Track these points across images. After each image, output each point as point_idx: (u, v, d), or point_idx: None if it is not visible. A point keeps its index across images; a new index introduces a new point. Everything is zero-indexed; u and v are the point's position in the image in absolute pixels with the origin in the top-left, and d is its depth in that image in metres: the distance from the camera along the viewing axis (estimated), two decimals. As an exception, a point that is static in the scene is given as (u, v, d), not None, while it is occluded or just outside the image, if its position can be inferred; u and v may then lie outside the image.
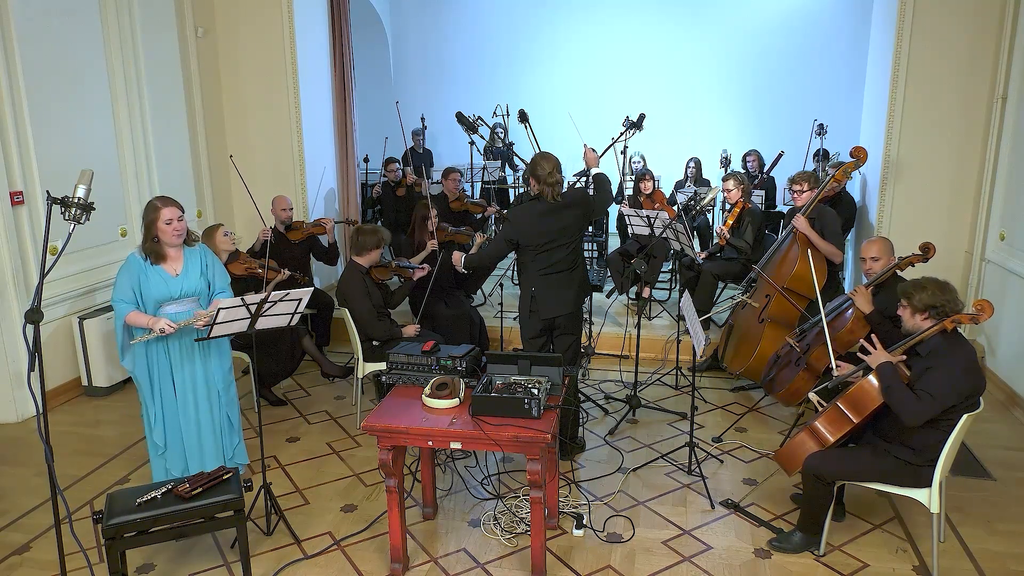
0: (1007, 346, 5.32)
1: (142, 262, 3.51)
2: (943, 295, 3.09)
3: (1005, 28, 5.53)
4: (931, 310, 3.10)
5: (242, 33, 6.75)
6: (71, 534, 2.79)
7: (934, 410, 3.02)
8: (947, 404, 3.02)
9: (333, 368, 5.51)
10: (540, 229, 4.07)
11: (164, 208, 3.48)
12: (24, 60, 4.82)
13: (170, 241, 3.51)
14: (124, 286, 3.49)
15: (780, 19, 9.71)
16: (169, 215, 3.48)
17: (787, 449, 3.46)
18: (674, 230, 5.44)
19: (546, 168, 4.06)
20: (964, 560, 3.40)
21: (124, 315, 3.47)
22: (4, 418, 4.91)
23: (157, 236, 3.49)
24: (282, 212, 5.87)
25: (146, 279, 3.49)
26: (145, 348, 3.55)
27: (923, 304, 3.11)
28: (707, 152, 8.61)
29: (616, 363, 5.80)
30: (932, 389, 3.02)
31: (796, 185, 5.07)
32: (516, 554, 3.44)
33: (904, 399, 3.05)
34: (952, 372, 3.03)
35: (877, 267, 4.03)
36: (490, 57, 10.43)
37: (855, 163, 4.82)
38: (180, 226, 3.52)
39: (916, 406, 3.02)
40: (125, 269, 3.51)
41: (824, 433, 3.35)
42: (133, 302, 3.48)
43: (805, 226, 4.72)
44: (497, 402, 3.09)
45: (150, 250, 3.50)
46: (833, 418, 3.34)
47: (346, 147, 7.54)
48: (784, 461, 3.47)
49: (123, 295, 3.48)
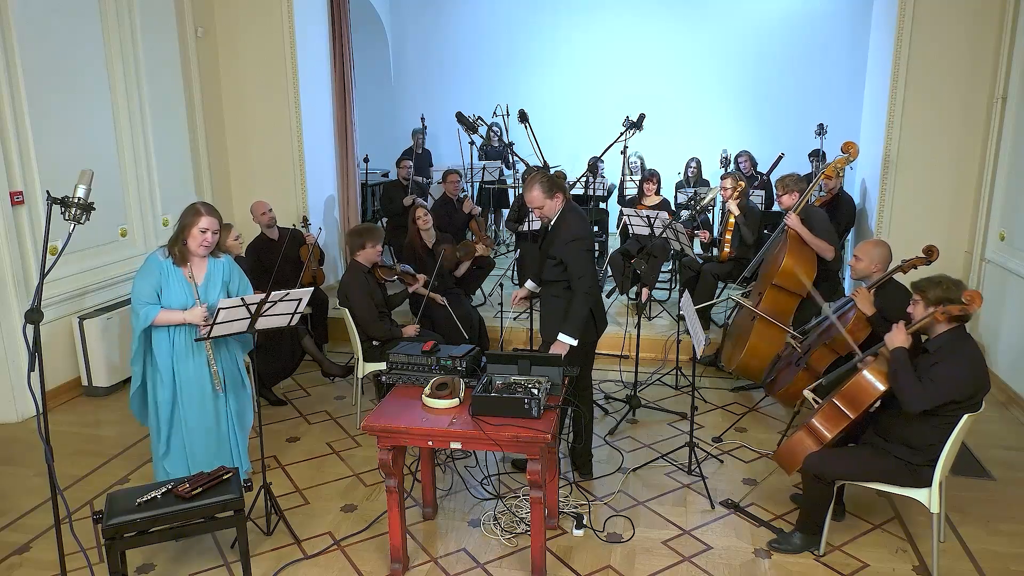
0: (1007, 346, 5.32)
1: (164, 263, 3.44)
2: (957, 291, 3.13)
3: (1005, 28, 5.53)
4: (944, 302, 3.13)
5: (242, 33, 6.75)
6: (71, 534, 2.79)
7: (935, 399, 3.05)
8: (949, 396, 3.04)
9: (333, 368, 5.52)
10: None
11: (205, 216, 3.42)
12: (24, 60, 4.82)
13: (196, 251, 3.46)
14: (146, 289, 3.39)
15: (780, 19, 9.72)
16: (207, 224, 3.42)
17: (785, 448, 3.46)
18: (674, 230, 5.45)
19: (563, 183, 3.95)
20: (964, 560, 3.40)
21: (153, 317, 3.36)
22: (4, 418, 4.91)
23: (187, 240, 3.43)
24: (263, 216, 5.81)
25: (167, 282, 3.42)
26: (171, 350, 3.47)
27: (937, 299, 3.15)
28: (707, 152, 8.62)
29: (616, 363, 5.80)
30: (937, 379, 3.06)
31: (777, 190, 5.11)
32: (516, 554, 3.44)
33: (909, 382, 3.09)
34: (959, 365, 3.07)
35: (860, 267, 4.03)
36: (490, 57, 10.43)
37: (846, 158, 4.84)
38: (212, 239, 3.46)
39: (918, 390, 3.06)
40: (145, 272, 3.42)
41: (821, 430, 3.36)
42: (158, 304, 3.40)
43: (796, 223, 4.74)
44: (497, 402, 3.09)
45: (179, 252, 3.43)
46: (830, 415, 3.35)
47: (346, 147, 7.54)
48: (783, 460, 3.48)
49: (147, 297, 3.38)
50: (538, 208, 3.78)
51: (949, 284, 3.16)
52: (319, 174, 7.21)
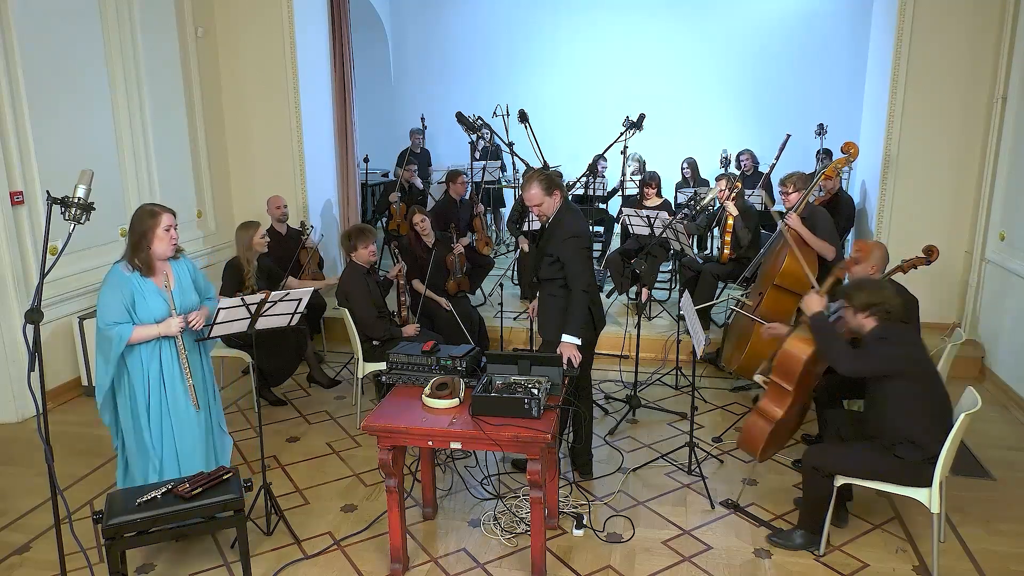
0: (1007, 346, 5.31)
1: (132, 276, 3.24)
2: (880, 294, 3.24)
3: (1005, 28, 5.53)
4: (871, 308, 3.24)
5: (242, 33, 6.75)
6: (71, 534, 2.79)
7: (870, 366, 3.17)
8: (885, 365, 3.15)
9: (322, 376, 5.47)
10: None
11: (163, 214, 3.26)
12: (24, 60, 4.82)
13: (166, 251, 3.28)
14: (115, 306, 3.17)
15: (780, 19, 9.72)
16: (168, 221, 3.26)
17: (743, 434, 3.62)
18: (674, 230, 5.45)
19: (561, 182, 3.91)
20: (964, 560, 3.40)
21: (128, 337, 3.15)
22: (4, 418, 4.91)
23: (152, 244, 3.24)
24: (276, 211, 5.94)
25: (142, 296, 3.23)
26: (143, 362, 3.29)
27: (863, 303, 3.25)
28: (707, 152, 8.62)
29: (616, 363, 5.80)
30: (872, 349, 3.18)
31: (782, 187, 5.11)
32: (516, 554, 3.44)
33: (838, 348, 3.22)
34: (891, 344, 3.18)
35: (857, 269, 4.03)
36: (490, 57, 10.43)
37: (846, 159, 4.83)
38: (176, 234, 3.32)
39: (846, 350, 3.21)
40: (112, 288, 3.19)
41: (769, 409, 3.52)
42: (130, 321, 3.19)
43: (797, 223, 4.74)
44: (497, 402, 3.09)
45: (144, 261, 3.23)
46: (772, 393, 3.53)
47: (346, 147, 7.54)
48: (745, 446, 3.64)
49: (117, 316, 3.16)
50: (536, 206, 3.78)
51: (871, 288, 3.27)
52: (319, 174, 7.20)
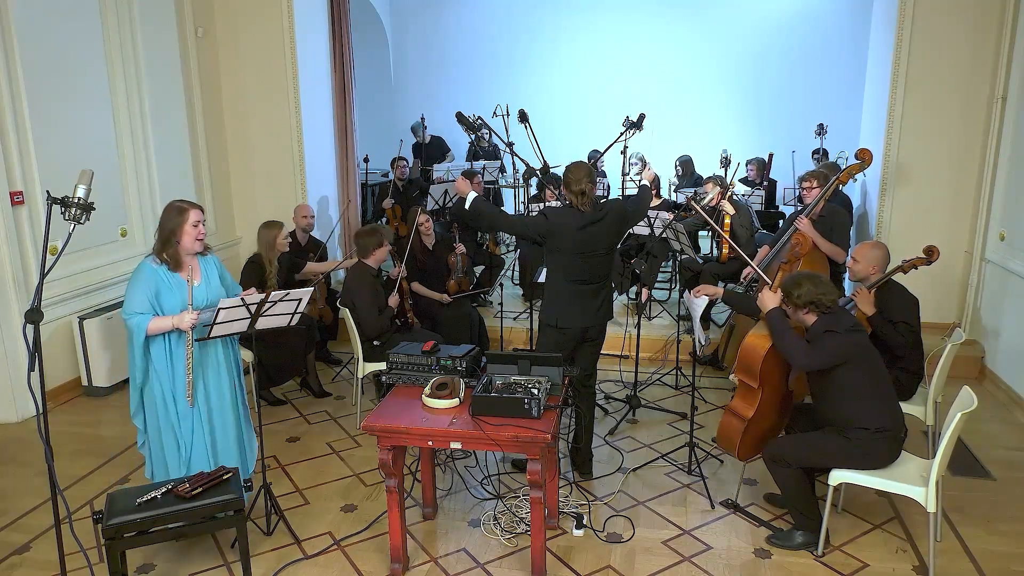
0: (1007, 346, 5.31)
1: (159, 270, 3.32)
2: (819, 289, 3.28)
3: (1005, 28, 5.53)
4: (811, 305, 3.28)
5: (242, 33, 6.75)
6: (71, 534, 2.78)
7: (822, 359, 3.22)
8: (835, 355, 3.21)
9: (315, 384, 5.40)
10: (573, 236, 3.77)
11: (192, 210, 3.34)
12: (24, 60, 4.82)
13: (193, 247, 3.36)
14: (140, 298, 3.26)
15: (780, 19, 9.72)
16: (196, 217, 3.34)
17: (719, 432, 3.70)
18: (674, 230, 5.45)
19: (572, 176, 3.77)
20: (964, 560, 3.40)
21: (145, 326, 3.24)
22: (4, 418, 4.91)
23: (180, 240, 3.32)
24: (303, 219, 5.89)
25: (168, 289, 3.30)
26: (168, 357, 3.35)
27: (804, 300, 3.29)
28: (707, 152, 8.61)
29: (616, 363, 5.80)
30: (821, 344, 3.23)
31: (806, 183, 5.07)
32: (516, 554, 3.44)
33: (793, 342, 3.29)
34: (837, 335, 3.22)
35: (857, 269, 4.04)
36: (490, 57, 10.43)
37: (860, 165, 4.80)
38: (203, 229, 3.39)
39: (801, 345, 3.27)
40: (140, 280, 3.29)
41: (738, 407, 3.58)
42: (151, 312, 3.27)
43: (808, 227, 4.72)
44: (497, 402, 3.09)
45: (172, 256, 3.32)
46: (740, 392, 3.60)
47: (346, 147, 7.54)
48: (723, 444, 3.72)
49: (140, 307, 3.25)
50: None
51: (810, 283, 3.28)
52: (319, 174, 7.21)
